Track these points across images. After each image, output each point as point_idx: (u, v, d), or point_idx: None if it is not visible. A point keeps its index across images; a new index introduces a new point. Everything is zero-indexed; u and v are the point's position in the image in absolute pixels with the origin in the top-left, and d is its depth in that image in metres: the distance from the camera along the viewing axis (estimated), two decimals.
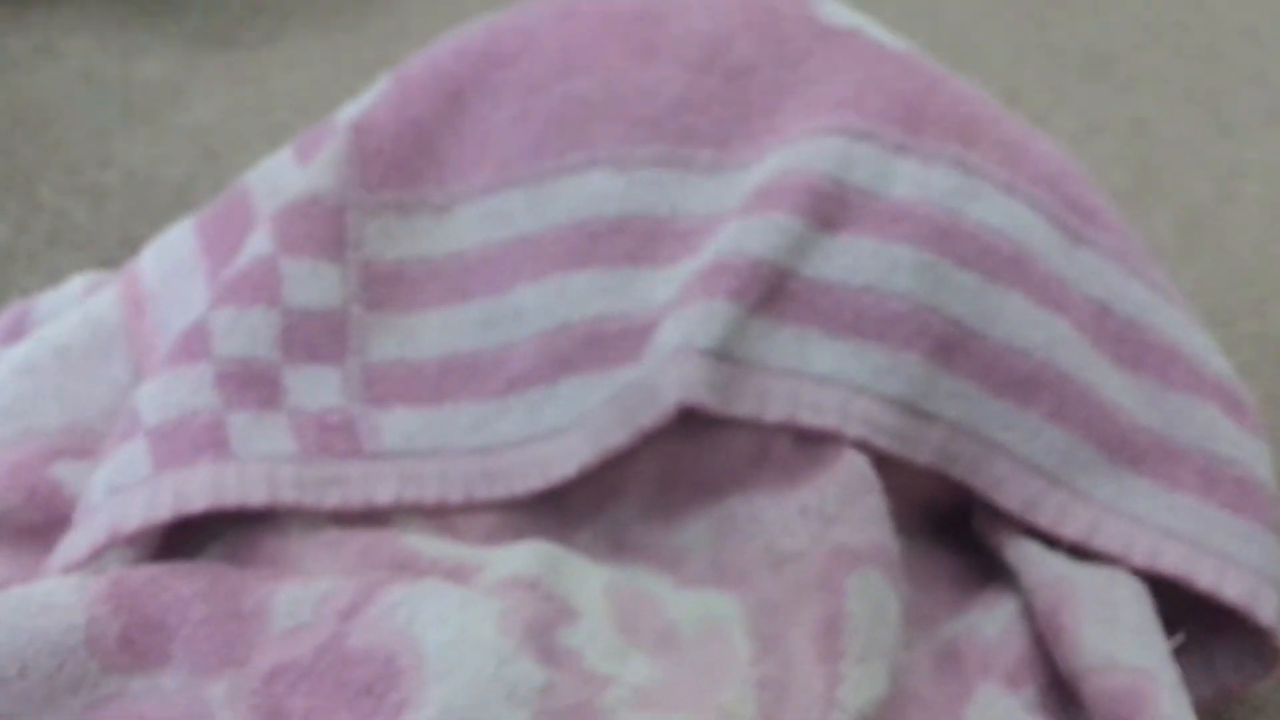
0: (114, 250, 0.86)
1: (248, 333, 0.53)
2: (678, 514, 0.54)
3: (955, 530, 0.59)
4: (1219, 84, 1.28)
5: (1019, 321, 0.55)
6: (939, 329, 0.54)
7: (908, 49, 0.62)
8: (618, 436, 0.52)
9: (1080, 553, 0.55)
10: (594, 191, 0.56)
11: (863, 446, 0.53)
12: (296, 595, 0.45)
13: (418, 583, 0.45)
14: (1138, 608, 0.52)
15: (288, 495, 0.51)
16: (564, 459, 0.53)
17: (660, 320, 0.54)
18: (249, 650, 0.44)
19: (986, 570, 0.58)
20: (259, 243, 0.56)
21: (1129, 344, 0.57)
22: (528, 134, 0.58)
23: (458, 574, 0.48)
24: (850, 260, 0.54)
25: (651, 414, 0.52)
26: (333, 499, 0.52)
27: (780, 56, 0.60)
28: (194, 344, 0.53)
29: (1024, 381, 0.55)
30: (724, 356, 0.52)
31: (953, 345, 0.54)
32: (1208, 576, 0.53)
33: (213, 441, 0.51)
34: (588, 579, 0.48)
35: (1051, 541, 0.55)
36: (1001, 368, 0.54)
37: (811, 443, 0.53)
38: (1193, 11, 1.50)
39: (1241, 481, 0.55)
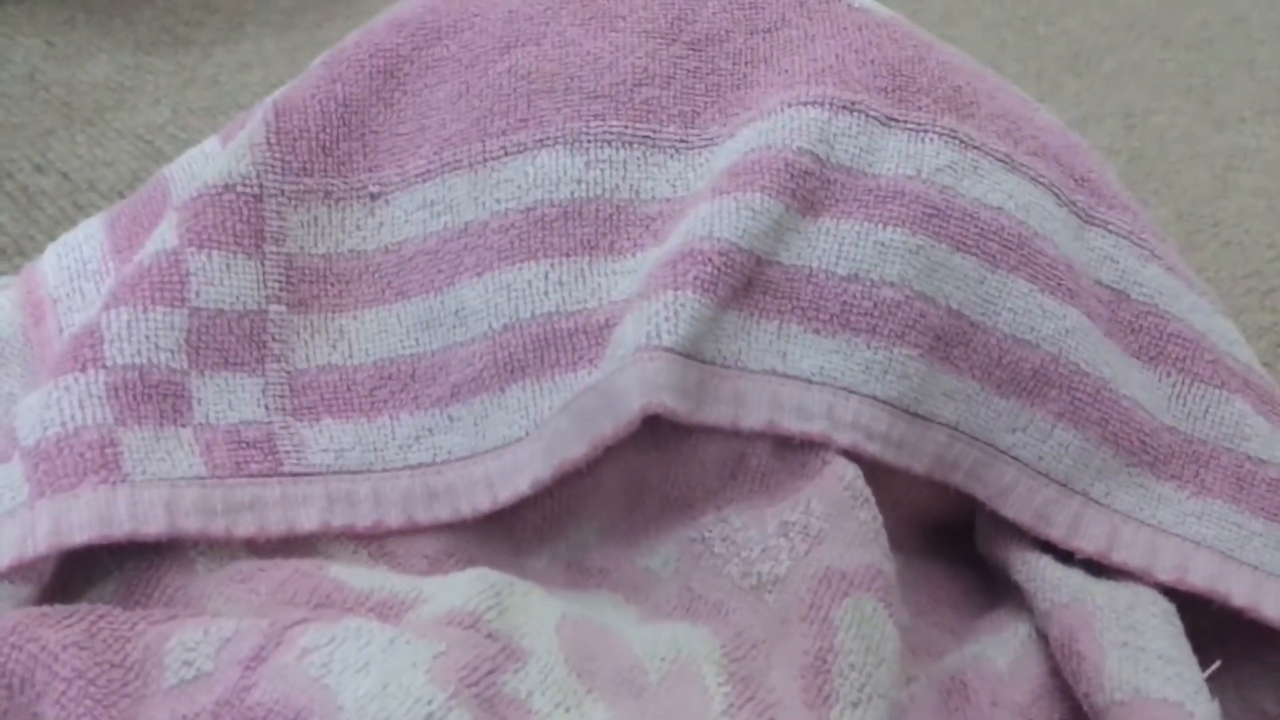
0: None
1: (146, 337, 0.46)
2: (644, 534, 0.48)
3: (957, 545, 0.53)
4: (1210, 75, 1.25)
5: (1024, 310, 0.49)
6: (936, 321, 0.48)
7: (894, 14, 0.56)
8: (575, 448, 0.46)
9: (1098, 569, 0.49)
10: (544, 174, 0.50)
11: (853, 455, 0.47)
12: (193, 640, 0.38)
13: (336, 623, 0.38)
14: (1167, 631, 0.46)
15: (190, 523, 0.44)
16: (515, 475, 0.47)
17: (621, 317, 0.48)
18: (135, 707, 0.37)
19: (992, 589, 0.52)
20: (163, 236, 0.49)
21: (1147, 334, 0.52)
22: (470, 113, 0.52)
23: (388, 610, 0.41)
24: (834, 245, 0.48)
25: (612, 423, 0.46)
26: (245, 526, 0.45)
27: (752, 23, 0.54)
28: (83, 351, 0.46)
29: (1031, 377, 0.49)
30: (693, 356, 0.46)
31: (951, 339, 0.48)
32: (1243, 592, 0.48)
33: (101, 462, 0.44)
34: (539, 613, 0.41)
35: (1065, 556, 0.49)
36: (1006, 363, 0.49)
37: (794, 450, 0.47)
38: (1179, 2, 1.47)
39: (1276, 484, 0.50)
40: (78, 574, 0.45)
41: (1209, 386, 0.51)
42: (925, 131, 0.51)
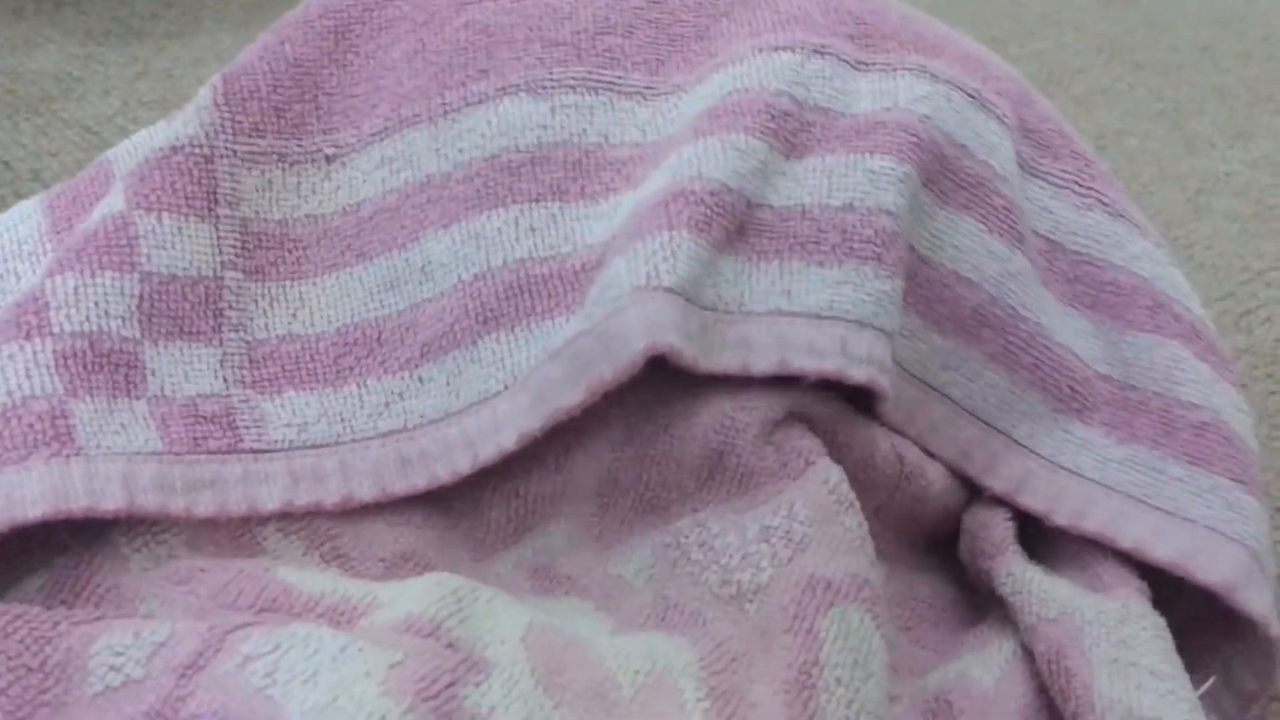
0: None
1: (95, 304, 0.43)
2: (616, 539, 0.45)
3: (940, 557, 0.51)
4: (1180, 99, 1.26)
5: (970, 250, 0.48)
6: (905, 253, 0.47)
7: None
8: (569, 396, 0.43)
9: (1087, 583, 0.47)
10: (508, 121, 0.48)
11: (833, 445, 0.45)
12: (122, 644, 0.35)
13: (283, 628, 0.35)
14: (1158, 646, 0.44)
15: (149, 500, 0.41)
16: (497, 430, 0.44)
17: (602, 260, 0.46)
18: (54, 716, 0.34)
19: (976, 603, 0.50)
20: (109, 202, 0.46)
21: (1083, 283, 0.51)
22: (426, 69, 0.50)
23: (340, 615, 0.38)
24: (824, 180, 0.47)
25: (610, 366, 0.42)
26: (206, 506, 0.42)
27: None
28: (27, 318, 0.42)
29: (970, 317, 0.48)
30: (693, 300, 0.44)
31: (906, 273, 0.47)
32: (1137, 535, 0.47)
33: (53, 434, 0.40)
34: (504, 621, 0.38)
35: (1053, 569, 0.47)
36: (947, 299, 0.48)
37: (775, 448, 0.45)
38: (1149, 27, 1.48)
39: (1205, 429, 0.49)
40: (1, 573, 0.41)
41: (1144, 333, 0.50)
42: (896, 70, 0.50)
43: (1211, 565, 0.46)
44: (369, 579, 0.43)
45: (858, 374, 0.45)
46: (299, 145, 0.50)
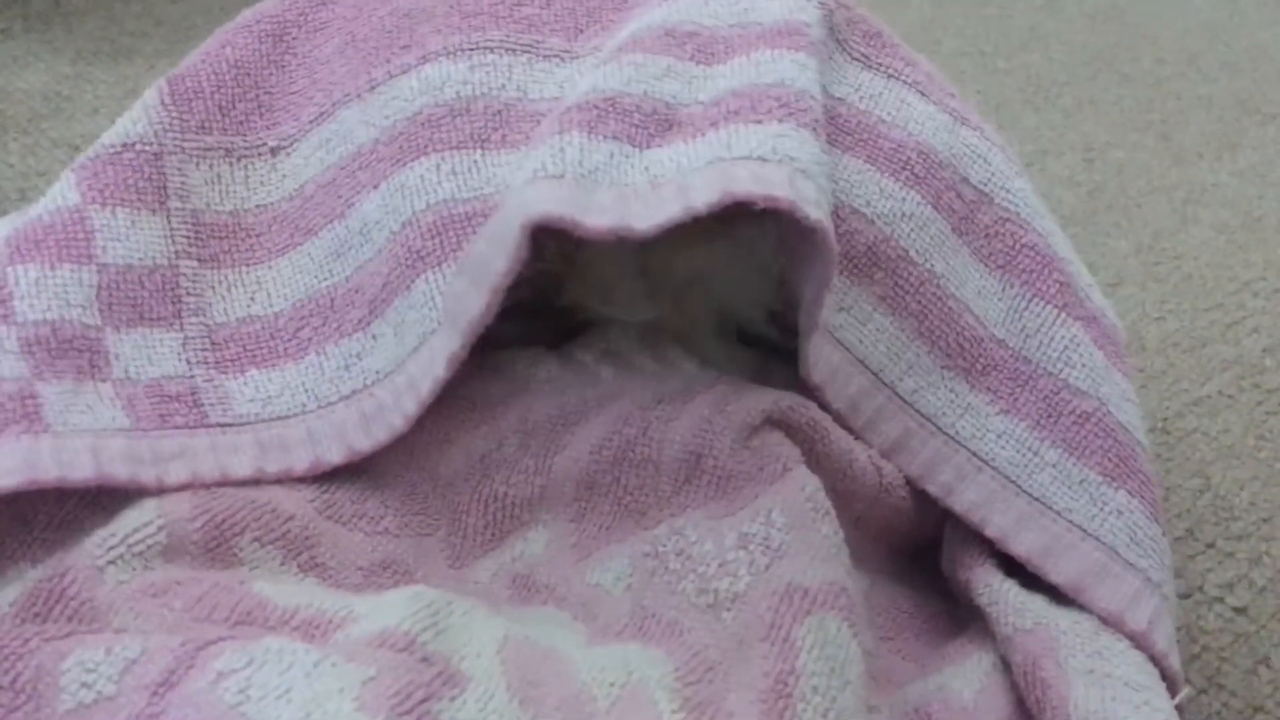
0: None
1: (56, 294, 0.45)
2: (594, 547, 0.45)
3: (923, 567, 0.50)
4: (1167, 111, 1.26)
5: (860, 184, 0.48)
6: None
7: None
8: (474, 304, 0.43)
9: (1064, 596, 0.47)
10: (429, 82, 0.49)
11: (811, 456, 0.45)
12: (94, 660, 0.35)
13: (256, 643, 0.35)
14: (1133, 657, 0.44)
15: (119, 470, 0.42)
16: (432, 364, 0.45)
17: None
18: None
19: (955, 613, 0.49)
20: (60, 194, 0.47)
21: (1001, 240, 0.50)
22: (355, 56, 0.52)
23: (315, 629, 0.38)
24: (753, 68, 0.47)
25: (504, 259, 0.42)
26: (178, 474, 0.43)
27: None
28: None
29: (865, 254, 0.48)
30: (596, 182, 0.43)
31: None
32: (1002, 524, 0.47)
33: (22, 413, 0.42)
34: (480, 634, 0.38)
35: (1030, 581, 0.47)
36: (844, 234, 0.47)
37: (752, 451, 0.45)
38: (1136, 39, 1.49)
39: (1086, 418, 0.48)
40: None
41: (1050, 306, 0.50)
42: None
43: (1065, 564, 0.46)
44: (347, 588, 0.43)
45: (810, 210, 0.42)
46: (244, 140, 0.51)
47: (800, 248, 0.45)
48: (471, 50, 0.50)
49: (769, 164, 0.43)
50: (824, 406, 0.48)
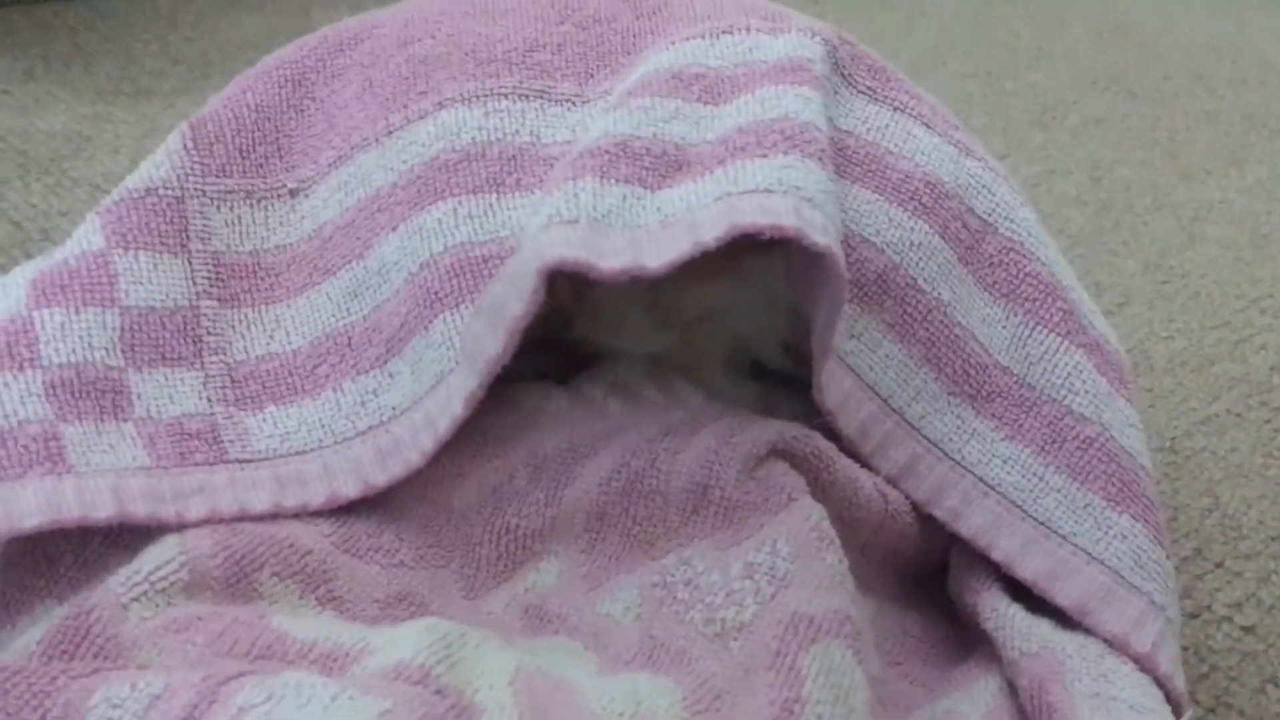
0: None
1: (80, 337, 0.46)
2: (605, 577, 0.46)
3: (931, 592, 0.51)
4: (1174, 128, 1.27)
5: (870, 214, 0.49)
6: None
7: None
8: (492, 345, 0.45)
9: (1069, 619, 0.47)
10: (445, 128, 0.51)
11: (816, 485, 0.45)
12: (119, 696, 0.36)
13: (275, 678, 0.36)
14: (1138, 680, 0.45)
15: (139, 508, 0.44)
16: (450, 402, 0.46)
17: None
18: None
19: (963, 638, 0.50)
20: (85, 237, 0.49)
21: (1005, 269, 0.51)
22: (373, 101, 0.53)
23: (332, 662, 0.39)
24: (758, 105, 0.48)
25: (520, 301, 0.44)
26: (197, 510, 0.45)
27: (635, 9, 0.56)
28: (19, 350, 0.45)
29: (875, 281, 0.48)
30: (609, 225, 0.45)
31: None
32: (1009, 547, 0.47)
33: (46, 454, 0.43)
34: (492, 665, 0.39)
35: (1036, 605, 0.48)
36: (854, 262, 0.48)
37: (758, 482, 0.46)
38: (1142, 57, 1.49)
39: (1090, 444, 0.49)
40: (4, 624, 0.43)
41: (1053, 334, 0.51)
42: (791, 30, 0.53)
43: (1070, 587, 0.47)
44: (364, 621, 0.44)
45: (818, 237, 0.43)
46: (264, 183, 0.53)
47: (810, 274, 0.46)
48: (486, 97, 0.51)
49: (774, 195, 0.44)
50: (835, 432, 0.49)
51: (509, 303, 0.44)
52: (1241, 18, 1.74)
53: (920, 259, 0.49)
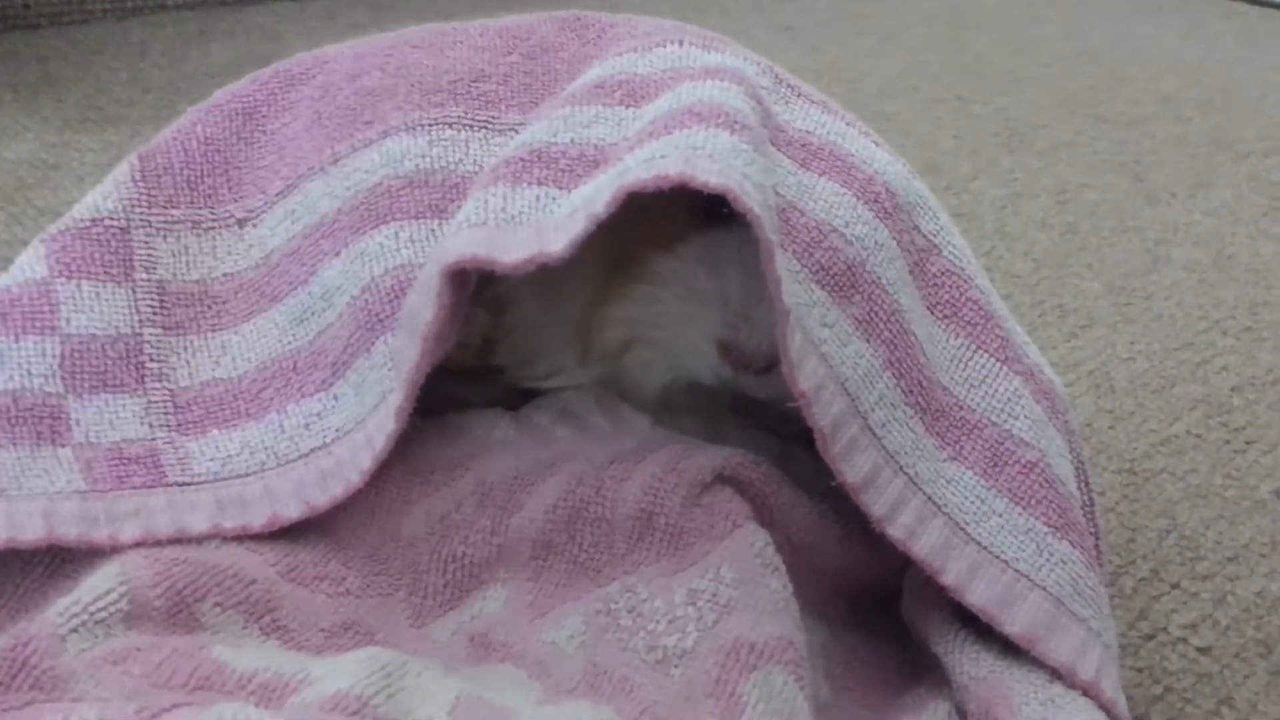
0: None
1: (19, 365, 0.47)
2: (550, 605, 0.46)
3: (884, 616, 0.51)
4: (1141, 151, 1.28)
5: (837, 205, 0.49)
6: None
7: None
8: (410, 354, 0.45)
9: (1017, 650, 0.47)
10: (389, 155, 0.51)
11: (765, 509, 0.45)
12: None
13: (210, 709, 0.35)
14: (1083, 704, 0.45)
15: (70, 530, 0.45)
16: (385, 420, 0.47)
17: None
18: None
19: (916, 661, 0.50)
20: (28, 265, 0.49)
21: (947, 291, 0.51)
22: (321, 132, 0.54)
23: (271, 693, 0.38)
24: (674, 98, 0.48)
25: (431, 307, 0.44)
26: (131, 532, 0.45)
27: (583, 36, 0.57)
28: None
29: (843, 273, 0.48)
30: (505, 224, 0.45)
31: (779, 210, 0.48)
32: (958, 570, 0.46)
33: None
34: (432, 694, 0.39)
35: (985, 630, 0.48)
36: (826, 249, 0.48)
37: (703, 509, 0.45)
38: (1110, 82, 1.51)
39: (1031, 469, 0.49)
40: None
41: (992, 359, 0.51)
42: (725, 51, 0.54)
43: (1017, 615, 0.46)
44: (309, 650, 0.44)
45: (711, 178, 0.41)
46: (211, 213, 0.53)
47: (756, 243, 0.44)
48: (431, 126, 0.52)
49: (667, 158, 0.43)
50: (809, 425, 0.46)
51: (422, 310, 0.45)
52: (1209, 43, 1.76)
53: (883, 260, 0.49)
